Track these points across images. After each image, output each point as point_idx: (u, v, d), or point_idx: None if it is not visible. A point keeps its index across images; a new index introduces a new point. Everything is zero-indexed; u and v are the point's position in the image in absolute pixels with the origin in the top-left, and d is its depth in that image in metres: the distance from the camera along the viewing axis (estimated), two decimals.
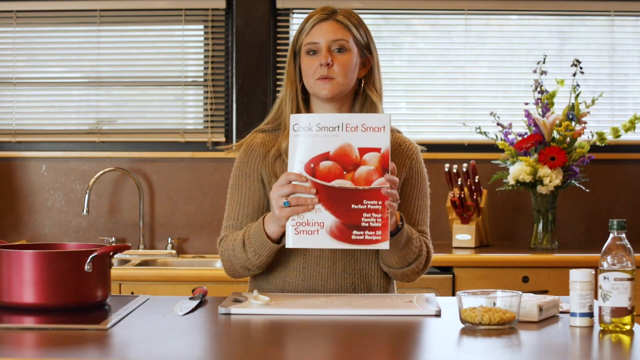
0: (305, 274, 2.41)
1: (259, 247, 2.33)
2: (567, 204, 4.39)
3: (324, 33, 2.40)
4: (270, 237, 2.31)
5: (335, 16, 2.42)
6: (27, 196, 4.41)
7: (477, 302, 2.04)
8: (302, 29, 2.43)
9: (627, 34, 4.49)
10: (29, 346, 1.92)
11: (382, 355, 1.84)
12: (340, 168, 2.19)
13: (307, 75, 2.42)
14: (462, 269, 3.81)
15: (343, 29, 2.41)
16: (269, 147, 2.45)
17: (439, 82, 4.48)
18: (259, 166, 2.45)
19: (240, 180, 2.47)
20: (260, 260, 2.36)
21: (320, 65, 2.38)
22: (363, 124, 2.20)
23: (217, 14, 4.42)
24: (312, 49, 2.40)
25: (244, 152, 2.48)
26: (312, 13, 2.45)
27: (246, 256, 2.36)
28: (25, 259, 2.20)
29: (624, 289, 2.00)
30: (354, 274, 2.42)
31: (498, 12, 4.48)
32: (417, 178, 2.47)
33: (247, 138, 2.51)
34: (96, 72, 4.45)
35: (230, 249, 2.39)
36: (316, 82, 2.39)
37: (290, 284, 2.42)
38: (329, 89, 2.38)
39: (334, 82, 2.38)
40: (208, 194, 4.40)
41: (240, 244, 2.36)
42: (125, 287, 3.74)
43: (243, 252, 2.36)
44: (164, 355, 1.82)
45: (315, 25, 2.41)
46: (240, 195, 2.46)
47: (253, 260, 2.36)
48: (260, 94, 4.37)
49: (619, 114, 4.46)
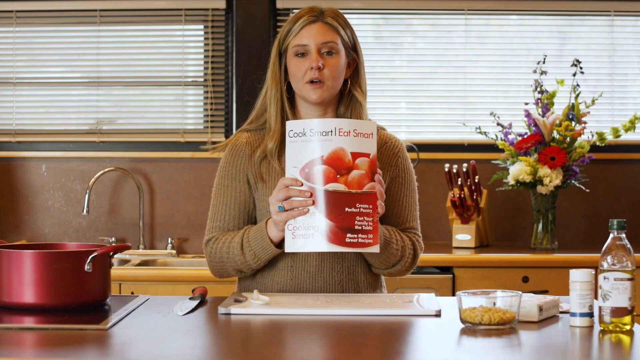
0: (293, 273, 2.42)
1: (260, 251, 2.34)
2: (567, 204, 4.39)
3: (314, 35, 2.39)
4: (273, 241, 2.32)
5: (324, 18, 2.41)
6: (27, 196, 4.41)
7: (477, 302, 2.04)
8: (289, 30, 2.41)
9: (627, 34, 4.49)
10: (29, 346, 1.92)
11: (382, 355, 1.84)
12: (334, 172, 2.19)
13: (295, 78, 2.41)
14: (462, 269, 3.81)
15: (332, 31, 2.40)
16: (254, 147, 2.45)
17: (439, 82, 4.49)
18: (244, 166, 2.45)
19: (226, 180, 2.46)
20: (259, 264, 2.37)
21: (311, 69, 2.37)
22: (355, 129, 2.20)
23: (217, 14, 4.42)
24: (301, 52, 2.40)
25: (229, 152, 2.48)
26: (299, 13, 2.42)
27: (244, 259, 2.36)
28: (25, 259, 2.20)
29: (624, 289, 2.00)
30: (341, 272, 2.43)
31: (498, 12, 4.48)
32: (404, 175, 2.49)
33: (231, 138, 2.51)
34: (96, 72, 4.45)
35: (224, 250, 2.39)
36: (305, 86, 2.39)
37: (279, 283, 2.43)
38: (319, 94, 2.39)
39: (324, 86, 2.39)
40: (208, 194, 4.37)
41: (238, 247, 2.36)
42: (125, 287, 3.74)
43: (241, 255, 2.36)
44: (164, 355, 1.82)
45: (304, 27, 2.39)
46: (226, 196, 2.45)
47: (251, 263, 2.37)
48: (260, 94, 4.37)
49: (619, 114, 4.46)
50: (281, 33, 2.44)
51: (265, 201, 2.41)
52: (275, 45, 2.45)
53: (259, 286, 2.46)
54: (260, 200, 2.44)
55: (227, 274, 2.45)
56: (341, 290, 2.42)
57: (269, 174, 2.43)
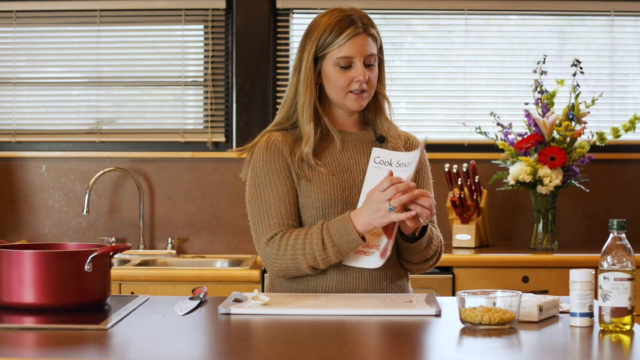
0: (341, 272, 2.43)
1: (344, 245, 2.33)
2: (567, 204, 4.39)
3: (360, 49, 2.41)
4: (361, 234, 2.34)
5: (367, 29, 2.42)
6: (27, 196, 4.41)
7: (477, 302, 2.04)
8: (332, 41, 2.41)
9: (627, 34, 4.49)
10: (29, 346, 1.92)
11: (382, 355, 1.84)
12: None
13: (336, 87, 2.43)
14: (462, 269, 3.81)
15: (374, 42, 2.44)
16: (290, 146, 2.45)
17: (439, 82, 4.49)
18: (288, 162, 2.43)
19: (271, 177, 2.43)
20: (339, 258, 2.36)
21: (357, 81, 2.41)
22: (416, 158, 2.37)
23: (217, 14, 4.42)
24: (347, 64, 2.41)
25: (266, 149, 2.45)
26: (340, 22, 2.41)
27: (325, 254, 2.34)
28: (25, 259, 2.20)
29: (624, 289, 2.00)
30: (385, 276, 2.45)
31: (498, 12, 4.48)
32: (425, 170, 2.56)
33: (261, 138, 2.49)
34: (96, 72, 4.45)
35: (298, 247, 2.36)
36: (349, 95, 2.44)
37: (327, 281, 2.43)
38: (361, 104, 2.46)
39: (366, 95, 2.45)
40: (208, 194, 4.40)
41: (319, 242, 2.34)
42: (125, 287, 3.74)
43: (322, 251, 2.34)
44: (164, 355, 1.82)
45: (350, 40, 2.40)
46: (276, 191, 2.42)
47: (332, 257, 2.35)
48: (260, 94, 4.38)
49: (619, 114, 4.46)
50: (317, 40, 2.42)
51: (309, 197, 2.41)
52: (311, 51, 2.43)
53: (301, 286, 2.45)
54: (303, 197, 2.43)
55: (294, 272, 2.40)
56: (383, 290, 2.45)
57: (313, 174, 2.43)
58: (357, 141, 2.50)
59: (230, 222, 4.37)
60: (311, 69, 2.43)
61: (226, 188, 4.38)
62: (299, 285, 2.44)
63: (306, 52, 2.43)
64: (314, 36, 2.43)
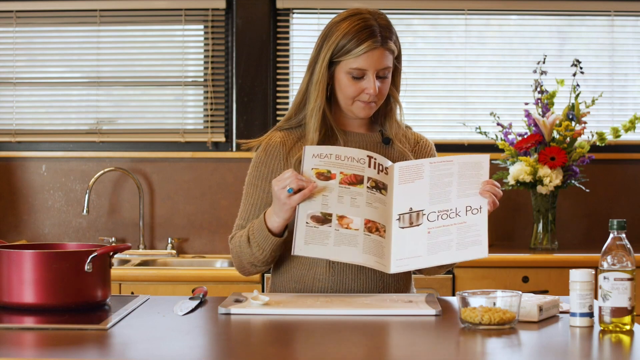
0: (335, 270, 2.41)
1: (262, 241, 2.35)
2: (567, 204, 4.39)
3: (375, 63, 2.39)
4: (272, 230, 2.34)
5: (385, 43, 2.40)
6: (27, 196, 4.41)
7: (477, 302, 2.04)
8: (349, 50, 2.39)
9: (627, 34, 4.49)
10: (29, 346, 1.92)
11: (382, 355, 1.84)
12: None
13: (345, 95, 2.42)
14: (462, 269, 3.81)
15: (390, 55, 2.42)
16: (289, 147, 2.46)
17: (439, 82, 4.49)
18: (278, 167, 2.45)
19: (257, 180, 2.46)
20: (264, 255, 2.37)
21: (367, 93, 2.40)
22: None
23: (217, 14, 4.42)
24: (359, 75, 2.40)
25: (263, 151, 2.47)
26: (359, 33, 2.38)
27: (251, 251, 2.38)
28: (25, 259, 2.20)
29: (624, 289, 2.00)
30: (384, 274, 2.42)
31: (498, 12, 4.48)
32: None
33: (265, 136, 2.51)
34: (96, 72, 4.45)
35: (237, 245, 2.42)
36: (357, 104, 2.43)
37: (320, 281, 2.42)
38: (369, 113, 2.46)
39: (374, 105, 2.45)
40: (208, 194, 4.40)
41: (246, 240, 2.39)
42: (125, 287, 3.74)
43: (248, 248, 2.38)
44: (164, 355, 1.82)
45: (366, 53, 2.38)
46: (254, 196, 2.46)
47: (258, 255, 2.38)
48: (260, 94, 4.37)
49: (619, 114, 4.46)
50: (335, 45, 2.40)
51: None
52: (327, 55, 2.41)
53: (299, 285, 2.45)
54: None
55: (246, 271, 2.45)
56: (383, 289, 2.43)
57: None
58: (361, 142, 2.49)
59: (230, 222, 4.37)
60: (325, 73, 2.42)
61: (226, 188, 4.38)
62: (300, 285, 2.44)
63: (322, 54, 2.42)
64: (332, 40, 2.40)
